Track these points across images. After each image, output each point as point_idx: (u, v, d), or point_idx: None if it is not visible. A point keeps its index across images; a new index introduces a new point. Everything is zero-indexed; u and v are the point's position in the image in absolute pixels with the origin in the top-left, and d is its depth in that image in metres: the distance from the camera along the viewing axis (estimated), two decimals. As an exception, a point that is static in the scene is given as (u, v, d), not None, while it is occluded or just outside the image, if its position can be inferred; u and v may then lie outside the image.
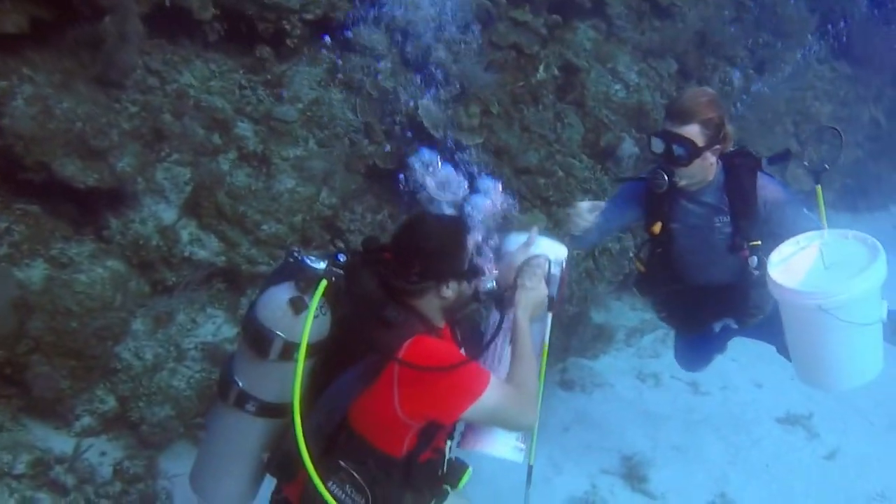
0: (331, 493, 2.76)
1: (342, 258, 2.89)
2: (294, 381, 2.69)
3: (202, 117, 5.68)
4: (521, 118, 7.12)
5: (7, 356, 4.57)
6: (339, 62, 6.53)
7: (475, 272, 2.96)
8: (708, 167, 3.92)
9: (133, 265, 5.14)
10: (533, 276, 3.16)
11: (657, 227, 4.16)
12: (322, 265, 2.85)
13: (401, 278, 2.83)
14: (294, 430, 2.68)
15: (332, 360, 2.85)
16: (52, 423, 4.90)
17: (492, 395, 2.79)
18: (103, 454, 4.93)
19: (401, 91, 6.53)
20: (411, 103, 6.44)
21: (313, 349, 2.77)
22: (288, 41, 6.20)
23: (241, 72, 6.12)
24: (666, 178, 3.90)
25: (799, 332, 3.69)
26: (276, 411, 2.86)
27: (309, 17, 6.25)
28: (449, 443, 3.08)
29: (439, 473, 3.04)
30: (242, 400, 2.88)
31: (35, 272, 4.80)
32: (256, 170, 5.77)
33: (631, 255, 6.96)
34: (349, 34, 6.61)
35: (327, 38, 6.33)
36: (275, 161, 5.82)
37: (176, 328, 5.30)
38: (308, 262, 2.87)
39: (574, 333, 6.87)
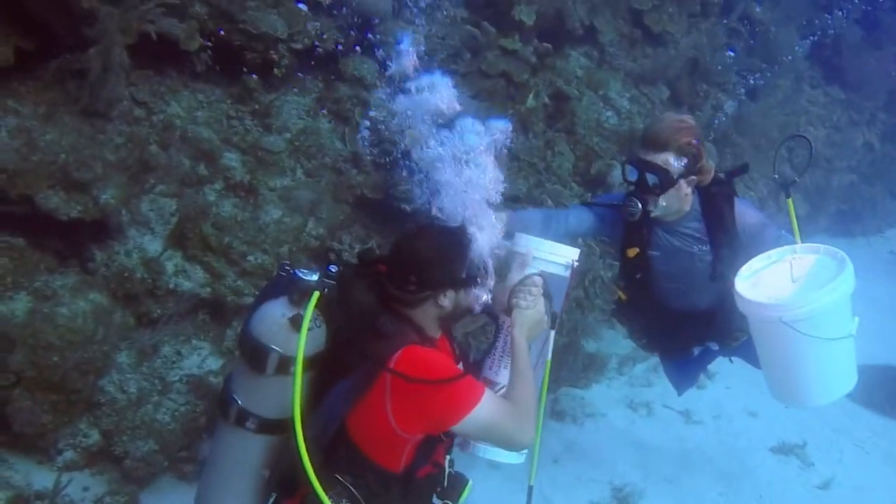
0: None
1: (334, 269, 2.88)
2: (293, 395, 2.66)
3: (188, 148, 5.65)
4: (510, 147, 7.08)
5: (-12, 391, 4.53)
6: (327, 92, 6.53)
7: (473, 282, 2.91)
8: (683, 197, 3.89)
9: (118, 298, 5.09)
10: (528, 296, 3.11)
11: (632, 252, 4.13)
12: (314, 277, 2.82)
13: (398, 288, 2.82)
14: (295, 444, 2.64)
15: (327, 372, 2.81)
16: (34, 458, 4.84)
17: (485, 408, 2.75)
18: (86, 489, 4.87)
19: (390, 120, 6.52)
20: (400, 132, 6.42)
21: (310, 362, 2.74)
22: (276, 71, 6.19)
23: (228, 102, 6.10)
24: (639, 205, 3.84)
25: (766, 347, 3.68)
26: (276, 428, 2.83)
27: (297, 46, 6.24)
28: (448, 457, 3.06)
29: (439, 489, 3.01)
30: (242, 418, 2.86)
31: (18, 305, 4.75)
32: (243, 200, 5.73)
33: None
34: (338, 64, 6.62)
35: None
36: (262, 191, 5.79)
37: (161, 361, 5.24)
38: (300, 274, 2.83)
39: (565, 363, 6.81)
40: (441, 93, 3.09)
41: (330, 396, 2.82)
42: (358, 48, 6.69)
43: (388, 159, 6.19)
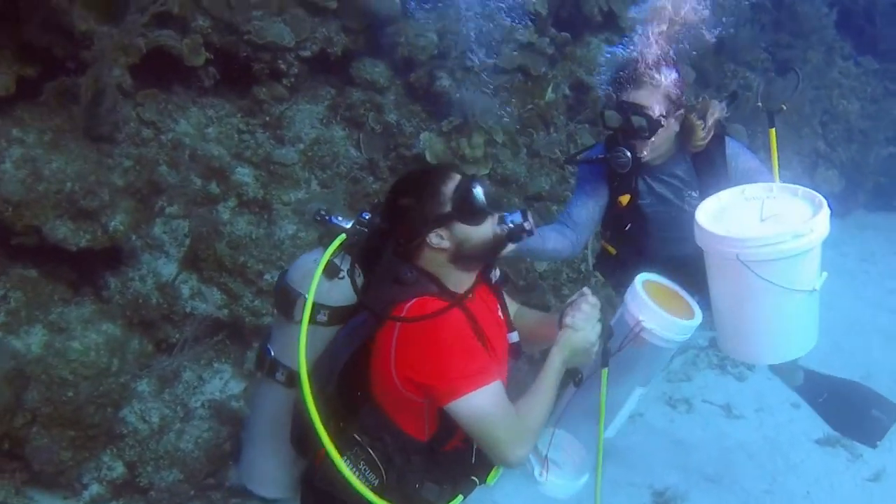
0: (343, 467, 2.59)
1: (367, 216, 2.72)
2: (300, 342, 2.57)
3: (199, 167, 5.55)
4: (530, 143, 6.91)
5: (5, 430, 4.44)
6: (339, 98, 6.39)
7: (468, 210, 2.64)
8: (671, 135, 3.59)
9: (134, 325, 5.01)
10: (580, 314, 2.78)
11: (625, 199, 3.77)
12: (349, 224, 2.72)
13: (396, 243, 2.66)
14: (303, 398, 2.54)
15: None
16: (59, 494, 4.77)
17: (485, 397, 2.51)
18: (114, 522, 4.81)
19: (405, 124, 6.37)
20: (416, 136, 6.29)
21: (339, 314, 2.70)
22: (285, 80, 6.06)
23: (238, 115, 6.00)
24: (628, 154, 3.53)
25: (719, 289, 3.26)
26: None
27: (306, 53, 6.12)
28: None
29: (467, 465, 2.79)
30: (273, 368, 2.82)
31: (34, 339, 4.70)
32: (257, 216, 5.63)
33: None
34: (349, 68, 6.48)
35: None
36: (276, 206, 5.67)
37: (182, 386, 5.15)
38: (334, 221, 2.74)
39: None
40: None
41: (332, 343, 2.72)
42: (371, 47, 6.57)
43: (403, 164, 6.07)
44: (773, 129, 3.60)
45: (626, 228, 3.89)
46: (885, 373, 6.70)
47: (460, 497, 2.79)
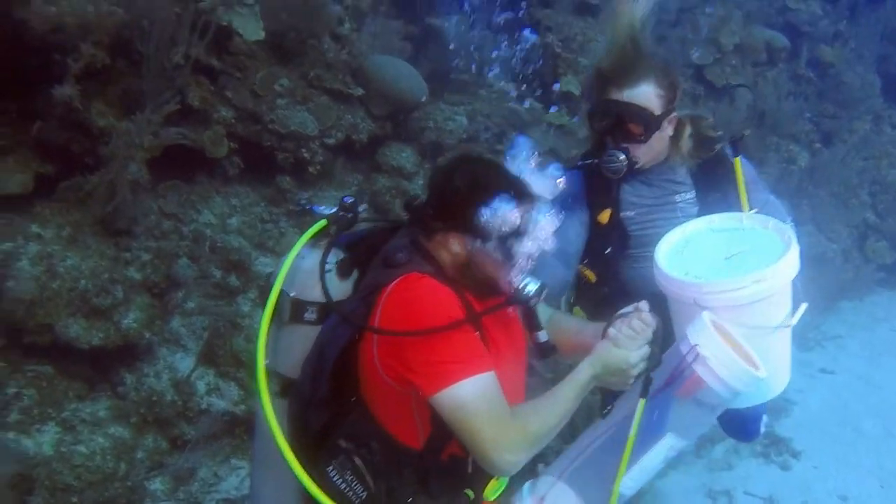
0: (330, 480, 2.39)
1: (349, 199, 2.60)
2: (261, 338, 2.42)
3: (219, 258, 5.49)
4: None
5: (11, 536, 4.36)
6: (366, 184, 6.34)
7: (496, 238, 2.36)
8: (666, 139, 3.23)
9: (148, 422, 4.91)
10: (628, 332, 2.47)
11: (605, 217, 3.32)
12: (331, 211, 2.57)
13: (423, 211, 2.47)
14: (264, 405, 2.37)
15: None
16: None
17: (475, 389, 2.21)
18: None
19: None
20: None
21: (327, 309, 2.46)
22: (310, 168, 6.02)
23: (262, 204, 5.97)
24: (622, 158, 3.13)
25: (681, 329, 2.76)
26: None
27: (330, 141, 6.08)
28: None
29: (463, 476, 2.47)
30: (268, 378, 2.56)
31: (46, 437, 4.60)
32: (278, 308, 5.53)
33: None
34: (376, 154, 6.44)
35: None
36: (297, 297, 5.57)
37: (198, 484, 5.02)
38: (316, 209, 2.60)
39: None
40: None
41: (322, 337, 2.48)
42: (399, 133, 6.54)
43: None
44: (738, 159, 3.25)
45: (608, 251, 3.40)
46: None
47: None
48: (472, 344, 2.29)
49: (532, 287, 2.42)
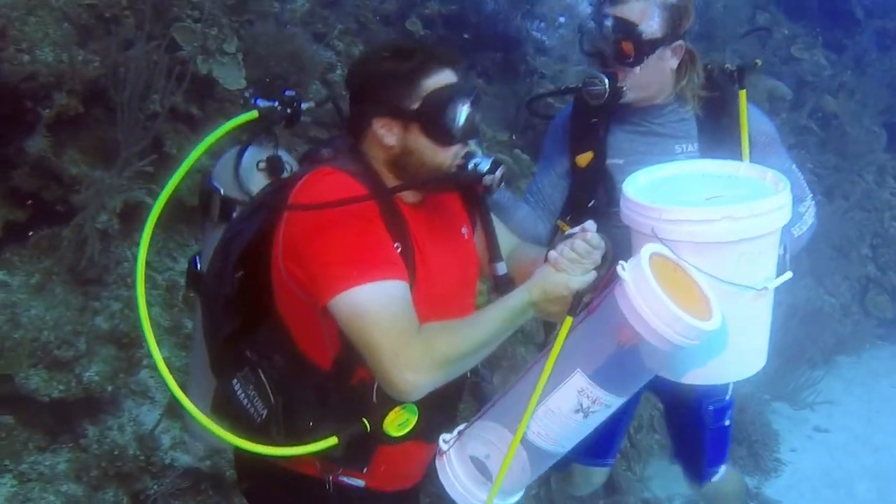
0: (234, 394, 2.25)
1: (291, 93, 2.40)
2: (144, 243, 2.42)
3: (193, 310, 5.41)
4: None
5: None
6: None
7: (435, 122, 2.17)
8: (666, 72, 2.89)
9: (110, 476, 4.81)
10: (570, 255, 2.14)
11: (584, 160, 3.00)
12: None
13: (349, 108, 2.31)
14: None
15: None
16: None
17: (380, 294, 2.00)
18: None
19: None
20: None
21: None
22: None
23: (241, 250, 5.88)
24: (606, 81, 2.79)
25: None
26: None
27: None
28: None
29: (368, 403, 2.22)
30: (196, 280, 2.53)
31: (2, 490, 4.53)
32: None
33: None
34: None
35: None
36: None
37: (160, 541, 4.93)
38: (258, 102, 2.40)
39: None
40: None
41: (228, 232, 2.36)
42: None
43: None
44: (744, 91, 2.89)
45: (590, 205, 3.03)
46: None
47: (334, 439, 2.18)
48: (378, 246, 2.11)
49: (483, 165, 2.23)
